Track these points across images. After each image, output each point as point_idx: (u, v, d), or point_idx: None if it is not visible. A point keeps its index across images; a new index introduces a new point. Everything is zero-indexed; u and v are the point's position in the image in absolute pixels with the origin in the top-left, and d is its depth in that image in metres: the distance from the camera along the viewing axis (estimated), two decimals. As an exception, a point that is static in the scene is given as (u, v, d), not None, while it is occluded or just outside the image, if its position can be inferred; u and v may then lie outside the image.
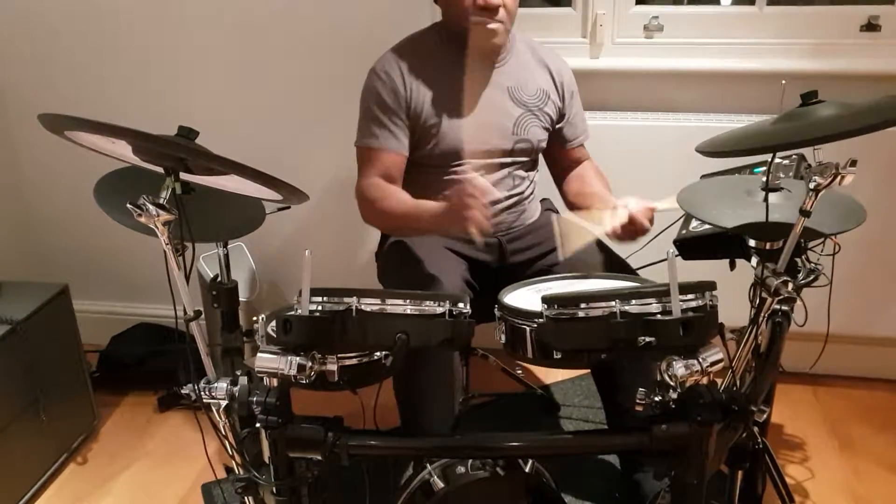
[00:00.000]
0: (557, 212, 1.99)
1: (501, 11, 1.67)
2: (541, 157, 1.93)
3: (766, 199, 1.33)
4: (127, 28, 2.28)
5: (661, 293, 1.08)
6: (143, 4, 2.25)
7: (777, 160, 1.58)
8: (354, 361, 1.17)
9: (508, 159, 1.79)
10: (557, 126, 1.87)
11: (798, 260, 1.49)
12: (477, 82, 1.77)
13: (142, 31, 2.28)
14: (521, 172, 1.83)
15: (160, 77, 2.33)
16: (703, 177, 1.77)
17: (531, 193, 1.87)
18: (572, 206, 1.86)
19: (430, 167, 1.77)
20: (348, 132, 1.79)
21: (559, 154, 1.91)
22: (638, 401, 1.14)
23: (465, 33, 1.68)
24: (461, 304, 1.18)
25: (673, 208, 1.53)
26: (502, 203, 1.79)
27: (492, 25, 1.67)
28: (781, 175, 1.55)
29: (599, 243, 1.74)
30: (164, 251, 1.18)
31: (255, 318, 1.28)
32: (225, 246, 1.78)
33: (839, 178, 1.20)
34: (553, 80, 1.84)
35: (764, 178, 1.38)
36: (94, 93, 2.36)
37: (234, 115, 2.32)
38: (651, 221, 1.56)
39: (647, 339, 1.06)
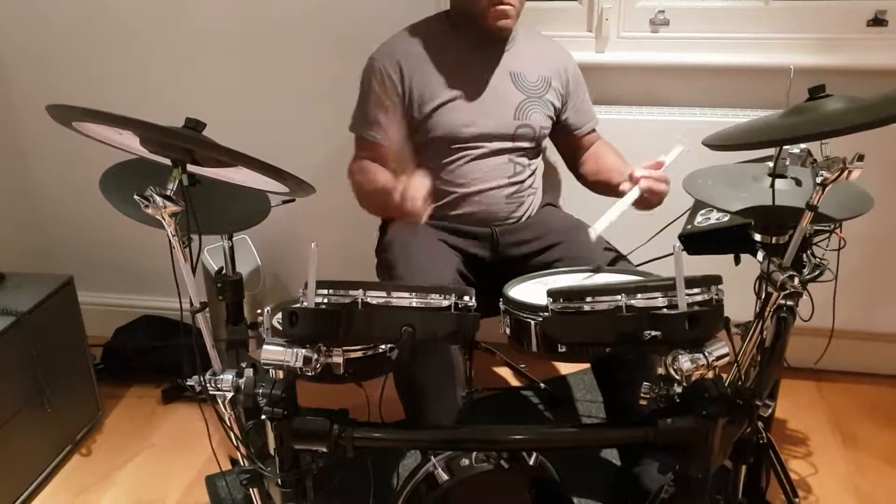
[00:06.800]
0: (559, 207, 1.99)
1: None
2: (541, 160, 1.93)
3: (772, 185, 1.32)
4: (134, 20, 2.28)
5: (667, 287, 1.08)
6: (148, -3, 2.25)
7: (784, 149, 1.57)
8: (360, 354, 1.17)
9: (510, 144, 1.80)
10: (563, 116, 1.88)
11: (803, 255, 1.48)
12: (482, 67, 1.79)
13: (149, 24, 2.28)
14: (523, 160, 1.83)
15: (167, 69, 2.32)
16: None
17: (531, 186, 1.86)
18: (592, 187, 1.87)
19: (432, 150, 1.79)
20: (354, 125, 1.79)
21: (571, 143, 1.93)
22: (643, 394, 1.14)
23: (473, 18, 1.72)
24: (466, 298, 1.18)
25: (682, 151, 1.59)
26: (501, 191, 1.80)
27: (503, 7, 1.69)
28: (788, 163, 1.55)
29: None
30: (171, 243, 1.18)
31: (259, 311, 1.28)
32: (230, 238, 1.78)
33: (846, 172, 1.20)
34: (554, 67, 1.85)
35: (771, 165, 1.38)
36: (102, 85, 2.36)
37: (240, 108, 2.32)
38: (665, 181, 1.58)
39: (653, 333, 1.06)
